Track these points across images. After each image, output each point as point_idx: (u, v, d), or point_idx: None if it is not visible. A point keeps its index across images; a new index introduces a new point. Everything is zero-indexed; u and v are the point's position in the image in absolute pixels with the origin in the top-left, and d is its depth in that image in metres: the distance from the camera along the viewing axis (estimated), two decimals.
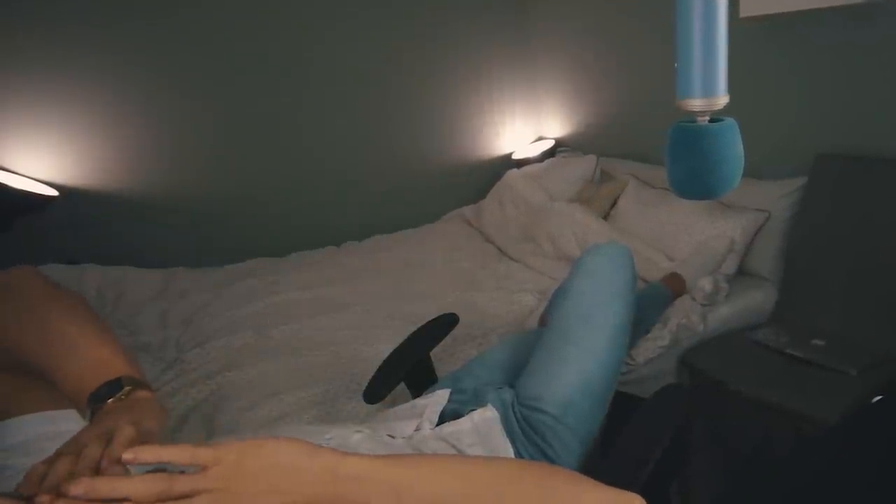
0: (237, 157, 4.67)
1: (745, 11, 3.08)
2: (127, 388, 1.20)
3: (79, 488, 0.84)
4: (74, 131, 4.13)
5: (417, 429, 1.71)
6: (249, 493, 0.89)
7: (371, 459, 0.98)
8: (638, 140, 4.47)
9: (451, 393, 2.00)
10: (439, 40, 5.10)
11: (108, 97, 4.17)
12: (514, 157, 5.52)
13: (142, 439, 1.06)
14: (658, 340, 2.98)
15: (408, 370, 2.33)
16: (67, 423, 1.34)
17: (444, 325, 2.52)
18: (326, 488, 0.92)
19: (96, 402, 1.19)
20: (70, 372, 1.24)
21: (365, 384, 2.30)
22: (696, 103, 1.24)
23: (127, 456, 0.89)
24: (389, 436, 1.61)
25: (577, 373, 1.87)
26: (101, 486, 0.86)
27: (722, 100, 1.23)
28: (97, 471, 0.96)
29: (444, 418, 1.83)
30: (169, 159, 4.46)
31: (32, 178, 4.01)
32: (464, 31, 5.17)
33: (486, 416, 1.80)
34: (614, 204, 4.25)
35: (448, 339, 2.55)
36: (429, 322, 2.58)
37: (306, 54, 4.65)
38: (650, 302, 2.99)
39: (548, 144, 5.41)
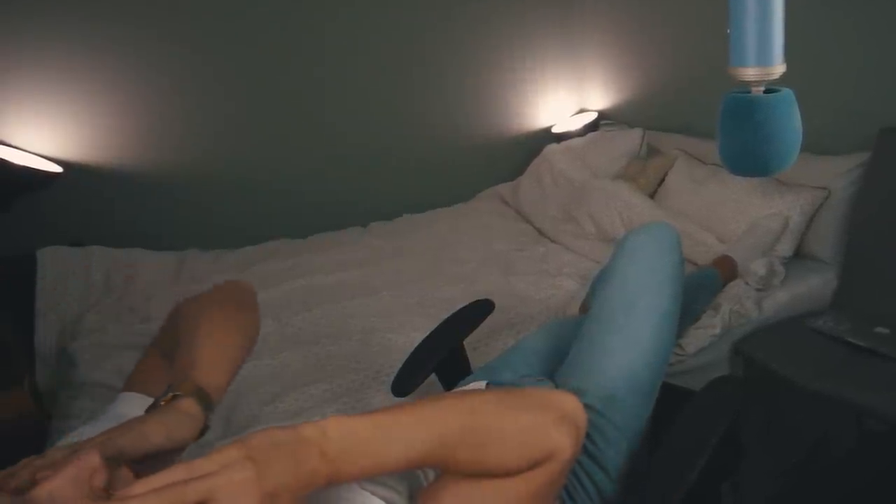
0: (254, 130, 4.64)
1: None
2: (170, 395, 1.21)
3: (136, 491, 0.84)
4: (79, 103, 4.10)
5: None
6: (270, 459, 0.92)
7: (349, 416, 1.05)
8: (687, 112, 4.42)
9: (486, 385, 1.99)
10: (472, 4, 5.04)
11: (116, 66, 4.14)
12: (554, 130, 5.47)
13: (143, 452, 1.06)
14: (708, 328, 2.96)
15: (439, 361, 2.32)
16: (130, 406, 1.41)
17: (478, 312, 2.52)
18: (324, 456, 0.97)
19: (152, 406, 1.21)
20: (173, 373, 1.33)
21: (393, 375, 2.30)
22: (750, 72, 1.23)
23: None
24: None
25: (621, 364, 1.86)
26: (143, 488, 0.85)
27: (778, 69, 1.22)
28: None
29: None
30: (181, 133, 4.44)
31: (34, 154, 3.96)
32: None
33: None
34: (662, 181, 4.23)
35: (483, 328, 2.54)
36: (462, 309, 2.59)
37: (330, 19, 4.61)
38: (700, 287, 2.97)
39: (590, 117, 5.37)
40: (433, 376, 2.32)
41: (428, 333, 2.47)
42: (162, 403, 1.19)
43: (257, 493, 0.88)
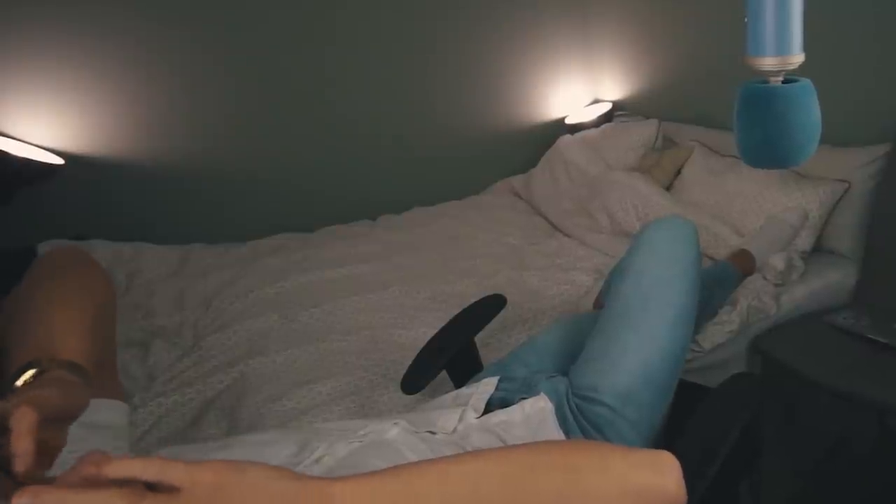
0: (261, 121, 4.64)
1: None
2: (32, 371, 1.15)
3: (22, 498, 0.81)
4: (81, 93, 4.11)
5: (461, 419, 1.71)
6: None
7: (368, 475, 0.96)
8: (704, 102, 4.42)
9: (499, 381, 2.00)
10: None
11: (119, 56, 4.13)
12: (568, 121, 5.46)
13: (53, 417, 1.03)
14: (726, 324, 2.96)
15: (450, 357, 2.31)
16: (105, 414, 1.40)
17: (490, 307, 2.52)
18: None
19: (10, 387, 1.14)
20: (15, 357, 1.22)
21: (403, 372, 2.30)
22: (768, 62, 1.23)
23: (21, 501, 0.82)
24: (430, 432, 1.60)
25: (637, 361, 1.86)
26: (47, 497, 0.82)
27: (797, 58, 1.22)
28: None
29: (490, 407, 1.83)
30: (186, 124, 4.44)
31: (35, 145, 3.98)
32: None
33: (539, 407, 1.80)
34: (678, 173, 4.23)
35: (494, 323, 2.56)
36: (473, 304, 2.59)
37: (339, 7, 4.61)
38: (717, 282, 2.97)
39: (605, 108, 5.35)
40: (444, 373, 2.32)
41: (438, 329, 2.47)
42: (25, 381, 1.14)
43: None
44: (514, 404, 1.82)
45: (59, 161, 4.00)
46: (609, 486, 1.02)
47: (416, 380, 2.24)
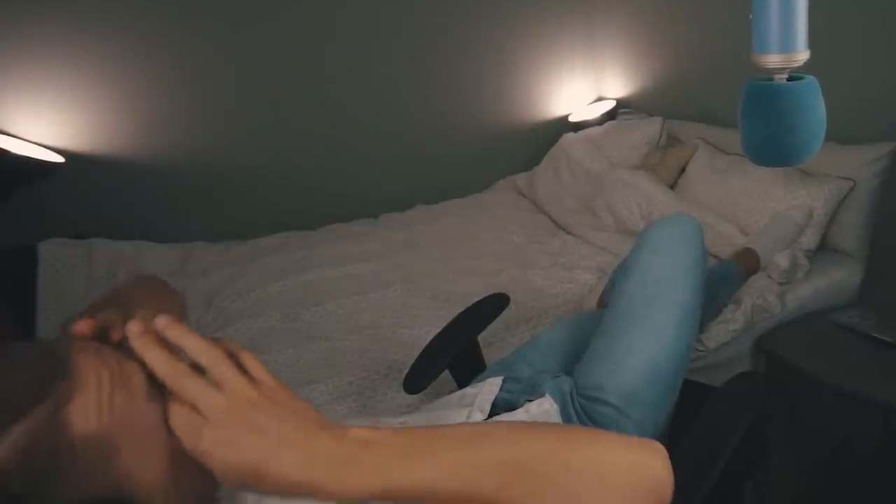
0: (262, 119, 4.64)
1: None
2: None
3: (162, 321, 0.93)
4: (82, 91, 4.10)
5: (467, 419, 1.71)
6: (281, 413, 0.92)
7: (376, 429, 0.98)
8: (709, 100, 4.42)
9: (503, 381, 2.00)
10: None
11: (120, 53, 4.13)
12: (571, 119, 5.47)
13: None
14: (730, 323, 2.96)
15: (453, 357, 2.32)
16: None
17: (493, 306, 2.52)
18: (339, 447, 0.92)
19: None
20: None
21: (406, 372, 2.30)
22: (772, 59, 1.23)
23: (161, 323, 0.94)
24: None
25: (641, 360, 1.86)
26: (174, 328, 0.93)
27: (802, 55, 1.22)
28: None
29: (496, 409, 1.83)
30: (187, 121, 4.43)
31: (35, 143, 3.96)
32: None
33: (544, 409, 1.80)
34: (682, 171, 4.23)
35: (498, 322, 2.55)
36: (476, 303, 2.59)
37: (341, 4, 4.60)
38: (721, 281, 2.96)
39: (608, 105, 5.36)
40: (447, 373, 2.32)
41: (441, 328, 2.47)
42: None
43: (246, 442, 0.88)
44: (518, 406, 1.82)
45: (60, 159, 3.99)
46: (605, 454, 1.03)
47: (419, 379, 2.24)
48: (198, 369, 0.91)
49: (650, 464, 1.05)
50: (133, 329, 0.92)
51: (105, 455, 0.90)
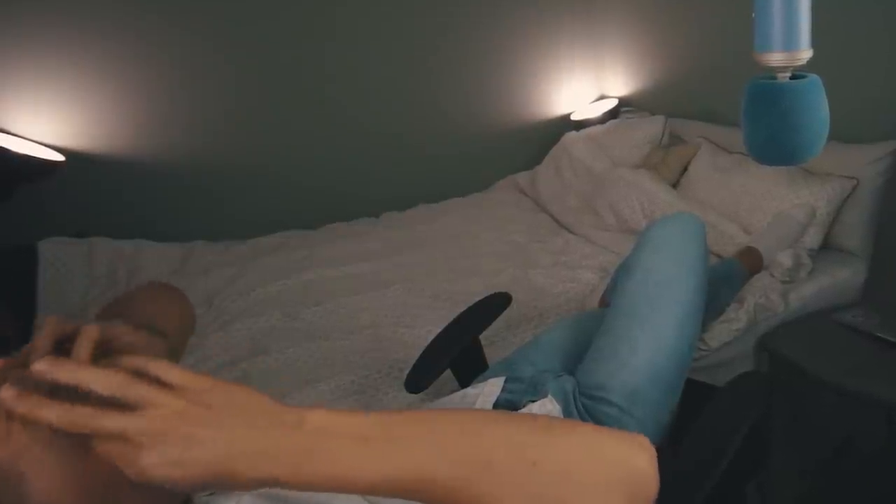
0: (262, 118, 4.63)
1: None
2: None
3: (41, 365, 0.87)
4: (82, 89, 4.10)
5: None
6: (212, 423, 0.88)
7: (335, 412, 0.96)
8: (711, 99, 4.42)
9: (504, 381, 2.00)
10: None
11: (120, 51, 4.13)
12: (573, 117, 5.47)
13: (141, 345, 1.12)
14: (733, 322, 2.96)
15: (455, 356, 2.32)
16: None
17: (495, 305, 2.52)
18: (292, 439, 0.90)
19: None
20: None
21: (407, 371, 2.30)
22: (775, 57, 1.23)
23: (39, 367, 0.88)
24: None
25: (644, 359, 1.86)
26: (60, 369, 0.87)
27: (805, 54, 1.22)
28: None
29: (497, 409, 1.83)
30: (187, 120, 4.43)
31: (35, 142, 3.96)
32: None
33: (546, 410, 1.80)
34: (684, 170, 4.23)
35: (499, 322, 2.56)
36: (478, 302, 2.59)
37: (341, 3, 4.60)
38: (724, 280, 2.96)
39: (610, 104, 5.36)
40: (448, 372, 2.32)
41: (443, 328, 2.47)
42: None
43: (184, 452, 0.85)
44: (521, 406, 1.82)
45: (60, 158, 3.98)
46: (580, 448, 1.00)
47: (420, 379, 2.24)
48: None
49: (631, 460, 1.02)
50: (5, 396, 0.85)
51: (10, 482, 0.89)
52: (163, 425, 0.85)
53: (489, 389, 1.92)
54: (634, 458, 1.02)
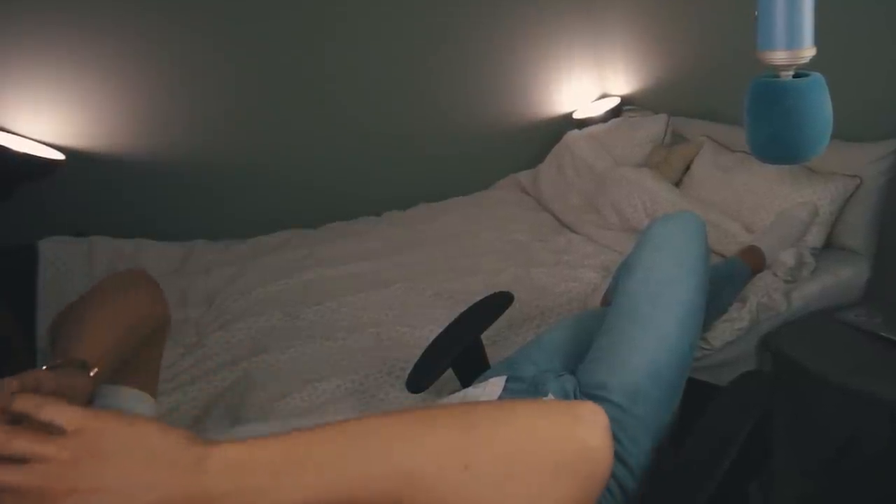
0: (263, 117, 4.63)
1: None
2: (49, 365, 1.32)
3: None
4: (82, 88, 4.09)
5: None
6: (102, 474, 0.84)
7: (248, 443, 0.91)
8: (714, 97, 4.42)
9: (506, 380, 2.00)
10: None
11: (120, 50, 4.12)
12: (575, 116, 5.47)
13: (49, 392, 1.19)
14: (735, 322, 2.95)
15: (456, 355, 2.32)
16: (129, 401, 1.62)
17: (496, 304, 2.52)
18: (196, 485, 0.86)
19: None
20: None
21: (408, 371, 2.30)
22: (778, 56, 1.23)
23: None
24: None
25: (645, 358, 1.86)
26: None
27: (808, 52, 1.22)
28: None
29: None
30: (188, 119, 4.43)
31: (35, 140, 3.95)
32: None
33: None
34: (687, 169, 4.23)
35: (501, 321, 2.55)
36: (480, 301, 2.59)
37: (343, 2, 4.59)
38: (726, 279, 2.96)
39: (613, 102, 5.36)
40: (450, 372, 2.32)
41: (444, 327, 2.47)
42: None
43: None
44: None
45: (60, 157, 3.98)
46: (515, 438, 0.98)
47: (422, 378, 2.24)
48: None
49: (575, 434, 1.00)
50: None
51: None
52: (44, 482, 0.82)
53: (490, 389, 1.91)
54: (579, 434, 1.01)
